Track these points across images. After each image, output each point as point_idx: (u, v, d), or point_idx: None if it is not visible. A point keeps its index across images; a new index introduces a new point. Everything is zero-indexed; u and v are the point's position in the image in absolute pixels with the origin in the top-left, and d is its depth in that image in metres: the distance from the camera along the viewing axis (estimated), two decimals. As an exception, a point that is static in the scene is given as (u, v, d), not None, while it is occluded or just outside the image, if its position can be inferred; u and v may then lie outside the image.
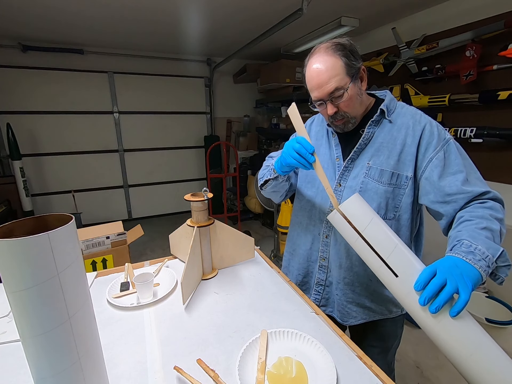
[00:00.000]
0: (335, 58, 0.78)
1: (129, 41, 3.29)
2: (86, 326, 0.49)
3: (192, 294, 0.91)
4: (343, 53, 0.78)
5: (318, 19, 2.59)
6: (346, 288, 0.92)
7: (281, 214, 2.58)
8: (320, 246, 0.95)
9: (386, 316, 0.94)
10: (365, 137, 0.85)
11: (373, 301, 0.92)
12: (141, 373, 0.63)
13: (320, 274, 0.97)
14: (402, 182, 0.83)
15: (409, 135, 0.82)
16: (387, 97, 0.87)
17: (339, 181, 0.89)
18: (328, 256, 0.93)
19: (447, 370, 1.68)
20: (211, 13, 2.48)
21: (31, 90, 3.35)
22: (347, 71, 0.78)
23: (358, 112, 0.85)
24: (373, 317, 0.94)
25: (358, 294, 0.92)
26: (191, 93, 4.18)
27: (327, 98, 0.80)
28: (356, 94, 0.81)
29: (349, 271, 0.90)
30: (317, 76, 0.79)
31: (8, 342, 0.71)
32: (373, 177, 0.84)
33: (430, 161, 0.79)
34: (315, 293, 1.00)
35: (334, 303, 0.97)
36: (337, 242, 0.90)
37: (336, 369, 0.61)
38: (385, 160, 0.83)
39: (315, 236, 0.96)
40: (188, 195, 0.96)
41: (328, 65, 0.78)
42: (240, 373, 0.60)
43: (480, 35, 1.95)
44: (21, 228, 0.46)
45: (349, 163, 0.87)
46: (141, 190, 4.22)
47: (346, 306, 0.94)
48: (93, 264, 1.76)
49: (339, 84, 0.78)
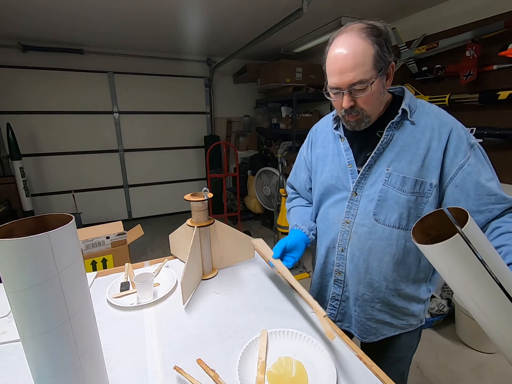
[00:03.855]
0: (367, 43, 0.67)
1: (129, 41, 3.29)
2: (86, 326, 0.49)
3: (192, 294, 0.91)
4: (377, 40, 0.67)
5: (318, 19, 2.59)
6: (365, 305, 0.86)
7: (281, 214, 2.58)
8: (336, 259, 0.87)
9: (406, 330, 0.89)
10: (384, 141, 0.76)
11: (394, 317, 0.86)
12: (141, 373, 0.63)
13: (335, 288, 0.91)
14: (425, 190, 0.75)
15: (435, 138, 0.73)
16: (407, 94, 0.78)
17: (355, 189, 0.81)
18: (344, 271, 0.87)
19: (447, 370, 1.68)
20: (211, 14, 2.48)
21: (31, 90, 3.35)
22: (375, 63, 0.68)
23: (376, 111, 0.77)
24: (393, 332, 0.88)
25: (378, 311, 0.86)
26: (191, 93, 4.18)
27: (346, 88, 0.70)
28: (378, 92, 0.72)
29: (368, 287, 0.84)
30: (342, 60, 0.68)
31: (8, 342, 0.71)
32: (393, 185, 0.76)
33: (461, 168, 0.71)
34: (330, 308, 0.94)
35: (351, 319, 0.92)
36: (354, 256, 0.83)
37: (336, 369, 0.61)
38: (407, 166, 0.75)
39: (329, 248, 0.89)
40: (188, 195, 0.96)
41: (358, 50, 0.67)
42: (240, 373, 0.60)
43: (480, 35, 1.95)
44: (21, 228, 0.46)
45: (365, 170, 0.79)
46: (141, 190, 4.22)
47: (365, 323, 0.88)
48: (93, 264, 1.76)
49: (364, 76, 0.68)
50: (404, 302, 0.84)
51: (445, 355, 1.78)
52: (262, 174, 3.27)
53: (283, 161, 2.71)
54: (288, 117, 3.79)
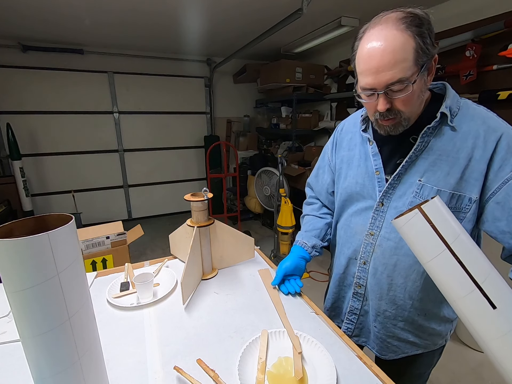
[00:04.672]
0: (407, 35, 0.58)
1: (129, 41, 3.30)
2: (86, 326, 0.49)
3: (192, 294, 0.91)
4: (419, 31, 0.58)
5: (318, 19, 2.59)
6: (386, 322, 0.80)
7: (281, 214, 2.58)
8: (357, 272, 0.82)
9: (430, 350, 0.83)
10: (417, 148, 0.67)
11: (418, 336, 0.79)
12: (141, 373, 0.63)
13: (354, 302, 0.86)
14: (463, 205, 0.66)
15: (479, 147, 0.63)
16: (449, 93, 0.67)
17: (381, 200, 0.74)
18: (365, 284, 0.81)
19: (447, 370, 1.68)
20: (211, 14, 2.48)
21: (31, 90, 3.35)
22: (417, 58, 0.59)
23: (415, 112, 0.67)
24: (416, 351, 0.82)
25: (401, 329, 0.80)
26: (191, 93, 4.18)
27: (382, 89, 0.61)
28: (420, 91, 0.63)
29: (391, 304, 0.78)
30: (378, 57, 0.59)
31: (8, 342, 0.71)
32: (425, 198, 0.67)
33: (506, 183, 0.62)
34: (348, 322, 0.89)
35: (370, 334, 0.87)
36: (377, 271, 0.77)
37: (336, 369, 0.61)
38: (443, 177, 0.66)
39: (351, 259, 0.84)
40: (188, 195, 0.96)
41: (397, 44, 0.57)
42: (240, 373, 0.60)
43: (480, 35, 1.95)
44: (21, 228, 0.46)
45: (395, 180, 0.71)
46: (141, 190, 4.22)
47: (385, 341, 0.83)
48: (93, 264, 1.76)
49: (404, 74, 0.58)
50: (430, 322, 0.78)
51: (445, 355, 1.77)
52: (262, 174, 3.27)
53: (283, 161, 2.71)
54: (288, 117, 3.79)
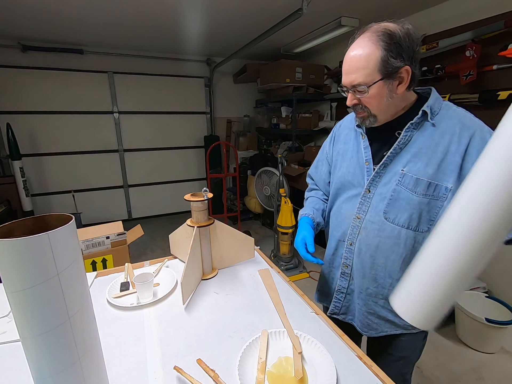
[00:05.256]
0: (375, 47, 0.70)
1: (129, 41, 3.29)
2: (86, 326, 0.49)
3: (192, 294, 0.91)
4: (386, 45, 0.69)
5: (318, 19, 2.58)
6: (368, 299, 0.89)
7: (281, 214, 2.58)
8: (344, 252, 0.91)
9: (409, 331, 0.89)
10: (401, 141, 0.78)
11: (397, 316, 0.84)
12: (141, 373, 0.63)
13: (341, 281, 0.94)
14: (440, 194, 0.75)
15: (454, 142, 0.73)
16: (432, 96, 0.78)
17: (368, 187, 0.83)
18: (351, 264, 0.90)
19: (447, 370, 1.68)
20: (211, 14, 2.48)
21: (31, 90, 3.35)
22: (380, 67, 0.70)
23: (383, 112, 0.78)
24: (395, 330, 0.89)
25: (381, 307, 0.87)
26: (191, 93, 4.18)
27: (349, 87, 0.76)
28: (383, 95, 0.74)
29: (373, 282, 0.86)
30: (348, 61, 0.75)
31: (8, 342, 0.71)
32: (406, 186, 0.77)
33: None
34: (335, 300, 0.97)
35: (355, 311, 0.94)
36: (361, 251, 0.86)
37: (336, 369, 0.61)
38: (423, 168, 0.75)
39: (339, 242, 0.93)
40: (188, 195, 0.96)
41: (363, 54, 0.71)
42: (240, 373, 0.60)
43: (480, 35, 1.95)
44: (21, 228, 0.46)
45: (381, 169, 0.81)
46: (141, 190, 4.21)
47: (366, 317, 0.90)
48: (93, 264, 1.75)
49: (364, 79, 0.72)
50: None
51: (445, 355, 1.78)
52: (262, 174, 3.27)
53: (283, 161, 2.71)
54: (288, 117, 3.79)
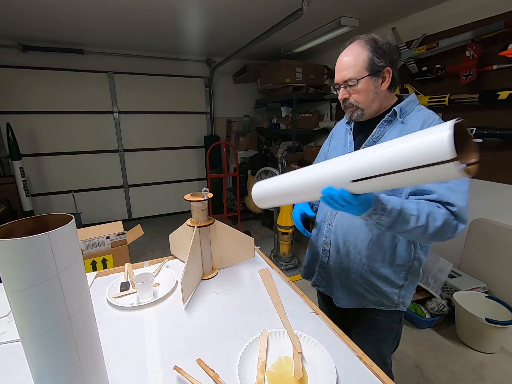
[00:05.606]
0: (362, 49, 0.84)
1: (129, 41, 3.29)
2: (86, 326, 0.49)
3: (192, 294, 0.91)
4: (372, 48, 0.83)
5: (318, 19, 2.58)
6: (341, 272, 0.99)
7: (281, 214, 2.58)
8: (324, 231, 1.03)
9: (379, 307, 0.97)
10: (374, 135, 0.90)
11: (366, 290, 0.96)
12: (141, 373, 0.63)
13: (322, 257, 1.05)
14: None
15: None
16: (406, 99, 0.90)
17: None
18: (330, 242, 1.01)
19: (447, 370, 1.68)
20: (211, 13, 2.47)
21: (31, 90, 3.35)
22: (366, 66, 0.83)
23: (369, 106, 0.89)
24: (365, 305, 0.98)
25: (353, 281, 0.97)
26: (191, 93, 4.18)
27: (341, 83, 0.88)
28: (369, 89, 0.86)
29: (345, 257, 0.97)
30: (339, 61, 0.88)
31: (8, 342, 0.71)
32: None
33: None
34: (317, 274, 1.09)
35: (332, 285, 1.05)
36: (337, 229, 0.98)
37: (336, 369, 0.61)
38: None
39: (322, 222, 1.05)
40: (188, 195, 0.96)
41: (352, 54, 0.85)
42: (240, 373, 0.60)
43: (480, 35, 1.95)
44: (21, 228, 0.46)
45: None
46: (141, 190, 4.21)
47: (339, 289, 1.01)
48: (93, 264, 1.75)
49: (353, 75, 0.84)
50: (376, 280, 0.94)
51: (445, 355, 1.78)
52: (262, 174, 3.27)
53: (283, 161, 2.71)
54: (288, 117, 3.79)
